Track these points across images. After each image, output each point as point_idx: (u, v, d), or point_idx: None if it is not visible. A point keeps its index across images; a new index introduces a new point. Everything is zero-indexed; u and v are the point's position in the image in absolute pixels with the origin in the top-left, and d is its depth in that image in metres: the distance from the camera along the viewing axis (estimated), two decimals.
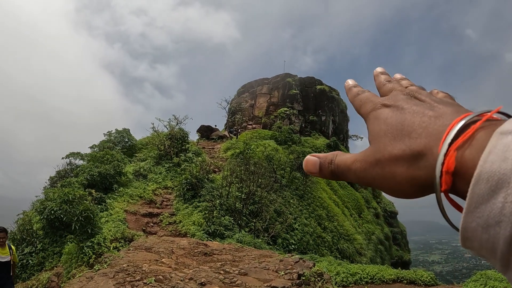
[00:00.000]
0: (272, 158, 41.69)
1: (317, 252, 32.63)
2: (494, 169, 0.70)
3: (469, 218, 0.73)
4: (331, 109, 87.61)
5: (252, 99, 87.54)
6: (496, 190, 0.69)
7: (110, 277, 11.48)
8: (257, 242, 25.04)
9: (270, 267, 11.88)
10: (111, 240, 21.97)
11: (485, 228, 0.71)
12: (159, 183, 34.27)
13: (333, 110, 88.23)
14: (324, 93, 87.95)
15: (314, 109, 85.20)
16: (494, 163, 0.70)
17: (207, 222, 25.45)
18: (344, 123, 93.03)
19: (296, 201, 37.45)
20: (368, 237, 50.28)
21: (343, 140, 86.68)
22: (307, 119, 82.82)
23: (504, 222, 0.67)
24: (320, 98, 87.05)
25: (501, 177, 0.69)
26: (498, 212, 0.68)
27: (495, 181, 0.69)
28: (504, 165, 0.69)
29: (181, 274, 11.26)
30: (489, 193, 0.70)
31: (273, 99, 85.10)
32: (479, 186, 0.71)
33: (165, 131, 43.39)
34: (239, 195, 30.64)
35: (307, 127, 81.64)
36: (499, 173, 0.69)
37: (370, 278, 21.78)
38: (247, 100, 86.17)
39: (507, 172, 0.68)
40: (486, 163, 0.71)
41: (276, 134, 54.96)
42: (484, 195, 0.71)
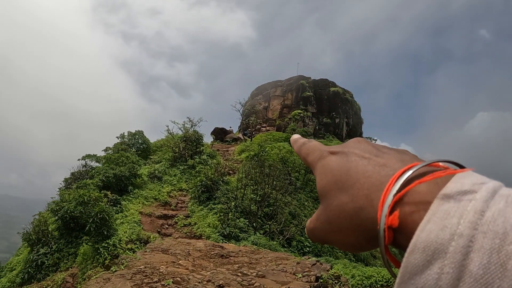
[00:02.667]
0: (287, 160, 41.60)
1: (331, 254, 32.44)
2: (431, 239, 0.68)
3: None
4: (345, 111, 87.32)
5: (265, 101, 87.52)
6: (432, 261, 0.68)
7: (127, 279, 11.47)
8: (272, 245, 24.95)
9: (288, 270, 11.82)
10: (126, 241, 22.00)
11: None
12: (174, 185, 34.31)
13: (347, 112, 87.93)
14: (338, 95, 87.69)
15: (328, 111, 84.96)
16: (432, 232, 0.69)
17: (222, 224, 25.41)
18: (358, 125, 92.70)
19: (311, 204, 37.32)
20: None
21: None
22: (321, 121, 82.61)
23: None
24: (334, 100, 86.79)
25: (437, 247, 0.68)
26: (433, 283, 0.67)
27: (431, 251, 0.68)
28: (442, 234, 0.68)
29: (198, 276, 11.23)
30: (424, 264, 0.68)
31: (287, 101, 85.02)
32: (414, 255, 0.70)
33: (180, 133, 43.47)
34: (254, 197, 30.58)
35: (321, 130, 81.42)
36: (436, 243, 0.68)
37: (386, 281, 21.60)
38: (260, 103, 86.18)
39: (444, 242, 0.67)
40: (423, 232, 0.70)
41: (290, 136, 54.72)
42: (419, 265, 0.69)
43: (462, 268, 0.66)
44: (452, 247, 0.67)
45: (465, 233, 0.67)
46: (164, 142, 45.60)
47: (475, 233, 0.66)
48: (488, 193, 0.70)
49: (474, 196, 0.70)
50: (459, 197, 0.70)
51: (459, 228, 0.67)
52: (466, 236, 0.67)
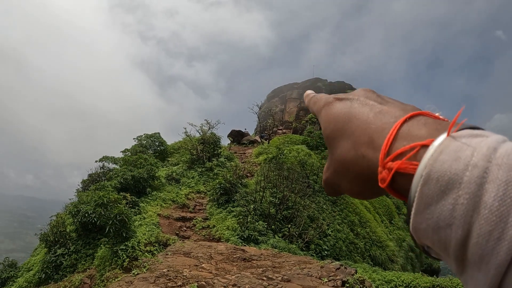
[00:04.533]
0: (305, 163, 41.40)
1: (349, 258, 32.25)
2: (445, 169, 0.70)
3: (419, 219, 0.72)
4: None
5: (282, 104, 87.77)
6: (446, 191, 0.68)
7: (150, 282, 11.33)
8: (291, 248, 24.79)
9: (313, 274, 11.62)
10: (145, 243, 21.94)
11: (436, 230, 0.69)
12: (191, 188, 34.26)
13: None
14: None
15: None
16: (445, 163, 0.70)
17: (241, 227, 25.26)
18: None
19: (329, 207, 37.07)
20: (399, 244, 49.64)
21: None
22: None
23: (455, 225, 0.66)
24: None
25: (452, 177, 0.68)
26: (448, 214, 0.68)
27: (446, 181, 0.69)
28: (456, 165, 0.69)
29: (223, 280, 11.05)
30: (438, 194, 0.69)
31: (303, 104, 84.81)
32: (429, 186, 0.70)
33: (197, 136, 43.45)
34: (273, 200, 30.43)
35: None
36: (450, 173, 0.69)
37: (406, 286, 21.44)
38: (277, 105, 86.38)
39: (459, 172, 0.68)
40: (437, 162, 0.71)
41: (307, 139, 54.58)
42: (433, 195, 0.70)
43: (477, 199, 0.65)
44: (466, 177, 0.66)
45: (480, 164, 0.66)
46: (181, 144, 45.65)
47: (489, 165, 0.65)
48: (499, 137, 0.69)
49: (486, 139, 0.69)
50: (470, 139, 0.70)
51: (473, 160, 0.67)
52: (480, 167, 0.66)
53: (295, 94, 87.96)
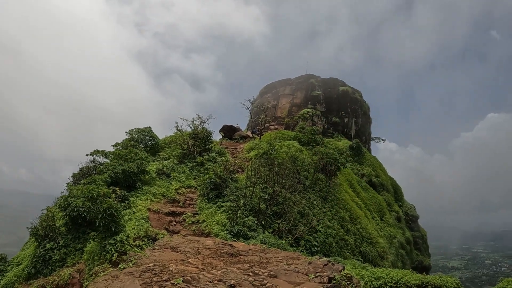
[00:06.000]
0: (296, 159, 41.38)
1: (340, 254, 32.31)
2: None
3: None
4: (354, 111, 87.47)
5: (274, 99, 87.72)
6: None
7: (136, 277, 11.29)
8: (281, 244, 24.80)
9: (300, 270, 11.60)
10: (134, 238, 21.92)
11: None
12: (182, 182, 34.18)
13: (356, 111, 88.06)
14: (347, 95, 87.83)
15: (337, 110, 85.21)
16: None
17: (231, 222, 25.24)
18: (367, 125, 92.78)
19: (320, 203, 37.09)
20: (389, 240, 49.81)
21: (365, 142, 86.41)
22: (329, 121, 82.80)
23: None
24: (343, 99, 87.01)
25: None
26: None
27: None
28: None
29: (209, 275, 11.03)
30: None
31: (296, 100, 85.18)
32: None
33: (189, 130, 43.38)
34: (263, 195, 30.41)
35: (329, 129, 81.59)
36: None
37: (395, 283, 21.50)
38: (269, 101, 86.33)
39: None
40: None
41: (299, 135, 54.57)
42: None
43: None
44: None
45: None
46: (173, 138, 45.62)
47: None
48: None
49: None
50: None
51: None
52: None
53: (288, 90, 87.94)
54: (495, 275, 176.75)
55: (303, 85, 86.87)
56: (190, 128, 43.94)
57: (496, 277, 26.64)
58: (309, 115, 75.60)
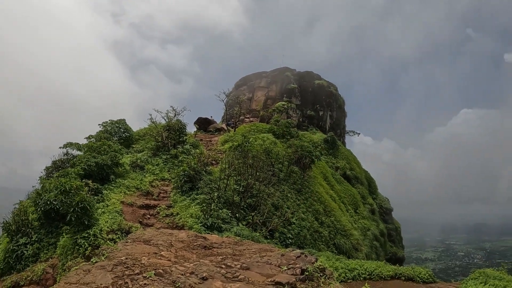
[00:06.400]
0: (270, 152, 41.43)
1: (314, 247, 32.48)
2: None
3: None
4: (329, 104, 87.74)
5: (250, 92, 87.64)
6: None
7: (108, 270, 11.23)
8: (255, 236, 24.82)
9: (272, 262, 11.64)
10: (107, 231, 21.76)
11: None
12: (156, 175, 34.00)
13: (331, 105, 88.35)
14: (322, 88, 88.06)
15: (312, 103, 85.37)
16: None
17: (205, 215, 25.18)
18: (342, 118, 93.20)
19: (294, 195, 37.24)
20: (364, 233, 50.24)
21: (340, 136, 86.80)
22: (304, 114, 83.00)
23: None
24: (318, 93, 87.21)
25: None
26: None
27: None
28: None
29: (181, 268, 11.02)
30: None
31: (271, 93, 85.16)
32: None
33: (163, 123, 43.11)
34: (237, 188, 30.41)
35: (304, 122, 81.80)
36: None
37: (368, 274, 21.72)
38: (245, 93, 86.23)
39: None
40: None
41: (274, 127, 54.63)
42: None
43: None
44: None
45: None
46: (147, 131, 45.24)
47: None
48: None
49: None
50: None
51: None
52: None
53: (263, 83, 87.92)
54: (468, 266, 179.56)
55: (279, 78, 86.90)
56: (164, 120, 43.68)
57: (469, 268, 27.26)
58: (284, 108, 75.70)
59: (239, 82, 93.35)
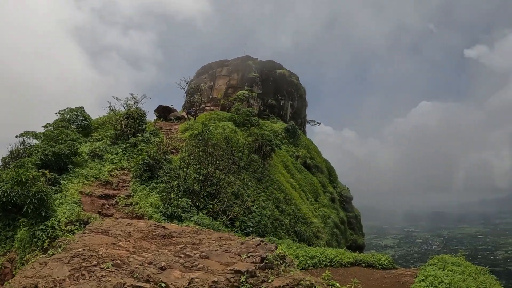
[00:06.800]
0: (231, 140, 41.38)
1: (275, 235, 32.62)
2: None
3: None
4: (290, 94, 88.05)
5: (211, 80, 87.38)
6: None
7: (65, 263, 11.04)
8: (215, 225, 24.80)
9: (232, 250, 11.62)
10: (65, 223, 21.39)
11: None
12: (115, 164, 33.59)
13: (292, 94, 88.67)
14: (284, 78, 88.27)
15: (273, 93, 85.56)
16: None
17: (165, 204, 25.00)
18: (303, 108, 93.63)
19: (254, 184, 37.32)
20: (324, 220, 50.69)
21: (300, 125, 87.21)
22: (265, 103, 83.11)
23: None
24: (279, 82, 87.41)
25: None
26: None
27: None
28: None
29: (139, 258, 10.92)
30: None
31: (232, 82, 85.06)
32: None
33: (123, 111, 42.59)
34: (197, 176, 30.24)
35: (265, 111, 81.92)
36: None
37: (329, 261, 21.86)
38: (206, 82, 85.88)
39: None
40: None
41: (234, 116, 54.62)
42: None
43: None
44: None
45: None
46: (106, 119, 44.62)
47: None
48: None
49: None
50: None
51: None
52: None
53: (224, 71, 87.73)
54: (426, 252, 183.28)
55: (240, 67, 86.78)
56: (124, 108, 43.17)
57: (427, 255, 28.07)
58: (245, 96, 75.63)
59: (200, 70, 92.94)
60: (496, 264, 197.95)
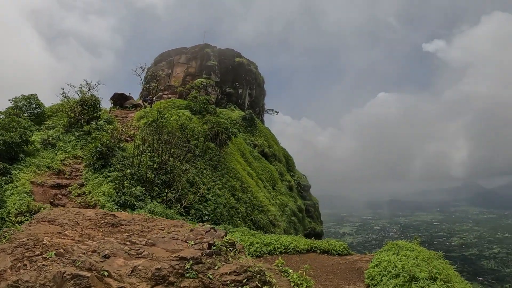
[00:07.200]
0: (186, 128, 41.11)
1: (231, 223, 32.66)
2: None
3: None
4: (248, 82, 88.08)
5: (169, 68, 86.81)
6: None
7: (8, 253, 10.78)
8: (169, 213, 24.67)
9: (179, 237, 11.54)
10: (16, 214, 21.05)
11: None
12: (68, 153, 32.94)
13: (251, 83, 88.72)
14: (242, 66, 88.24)
15: (231, 81, 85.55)
16: None
17: (118, 193, 24.72)
18: (261, 96, 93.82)
19: (210, 172, 37.20)
20: (282, 208, 50.98)
21: (258, 114, 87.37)
22: (223, 91, 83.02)
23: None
24: (238, 70, 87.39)
25: None
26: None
27: None
28: None
29: (83, 247, 10.73)
30: None
31: (191, 69, 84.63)
32: None
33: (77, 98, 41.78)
34: (151, 164, 29.97)
35: (223, 99, 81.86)
36: None
37: (284, 248, 22.02)
38: (163, 69, 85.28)
39: None
40: None
41: (191, 104, 54.33)
42: None
43: None
44: None
45: None
46: (60, 106, 43.67)
47: None
48: None
49: None
50: None
51: None
52: None
53: (183, 59, 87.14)
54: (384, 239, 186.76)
55: (199, 55, 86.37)
56: (78, 95, 42.33)
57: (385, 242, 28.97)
58: (203, 85, 75.40)
59: (158, 58, 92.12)
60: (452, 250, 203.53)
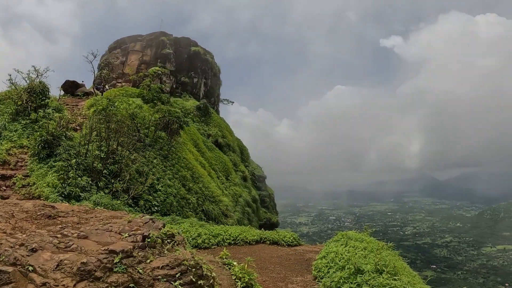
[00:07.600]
0: (136, 116, 40.46)
1: (181, 213, 32.42)
2: None
3: None
4: (204, 72, 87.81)
5: (123, 56, 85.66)
6: None
7: None
8: (115, 204, 24.26)
9: (114, 229, 11.23)
10: None
11: None
12: (14, 142, 31.94)
13: (206, 72, 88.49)
14: (198, 55, 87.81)
15: (187, 70, 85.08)
16: None
17: (62, 184, 24.13)
18: (216, 86, 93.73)
19: (160, 161, 36.77)
20: (235, 199, 51.01)
21: (214, 104, 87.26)
22: (178, 80, 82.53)
23: None
24: (193, 59, 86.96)
25: None
26: None
27: None
28: None
29: (12, 240, 10.33)
30: None
31: (145, 58, 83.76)
32: None
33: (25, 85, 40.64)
34: (99, 154, 29.39)
35: (178, 88, 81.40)
36: None
37: (233, 240, 22.08)
38: (118, 57, 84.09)
39: None
40: None
41: (143, 92, 53.74)
42: None
43: None
44: None
45: None
46: (7, 94, 42.45)
47: None
48: None
49: None
50: None
51: None
52: None
53: (138, 47, 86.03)
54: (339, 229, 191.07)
55: (154, 43, 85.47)
56: (26, 82, 41.17)
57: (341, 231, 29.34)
58: (157, 73, 74.65)
59: (113, 45, 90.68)
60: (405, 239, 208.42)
